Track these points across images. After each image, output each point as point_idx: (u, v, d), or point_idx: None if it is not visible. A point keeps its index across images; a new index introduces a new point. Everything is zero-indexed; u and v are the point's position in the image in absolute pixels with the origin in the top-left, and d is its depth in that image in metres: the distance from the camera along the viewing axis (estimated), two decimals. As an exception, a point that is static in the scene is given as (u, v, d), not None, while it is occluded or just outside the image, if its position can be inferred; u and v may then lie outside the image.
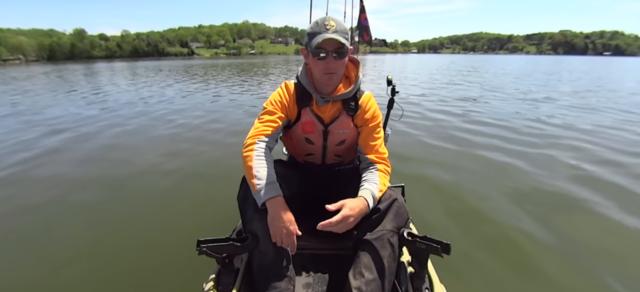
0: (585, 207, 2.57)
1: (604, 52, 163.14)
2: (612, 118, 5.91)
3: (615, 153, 3.83)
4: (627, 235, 2.20)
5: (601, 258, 1.94)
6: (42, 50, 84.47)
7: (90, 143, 4.46)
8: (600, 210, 2.51)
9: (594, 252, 2.00)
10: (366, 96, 1.29)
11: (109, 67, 30.37)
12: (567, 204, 2.63)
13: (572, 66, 29.78)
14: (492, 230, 2.26)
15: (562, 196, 2.76)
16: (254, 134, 1.18)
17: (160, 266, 1.86)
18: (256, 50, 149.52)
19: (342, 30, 1.13)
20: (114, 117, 6.23)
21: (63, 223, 2.38)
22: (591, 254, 1.98)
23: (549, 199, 2.70)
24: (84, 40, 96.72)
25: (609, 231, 2.24)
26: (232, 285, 1.09)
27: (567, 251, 2.01)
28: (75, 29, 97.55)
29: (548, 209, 2.52)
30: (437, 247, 1.00)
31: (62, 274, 1.81)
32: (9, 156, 3.92)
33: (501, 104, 7.68)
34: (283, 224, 1.04)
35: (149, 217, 2.45)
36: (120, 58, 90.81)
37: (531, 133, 4.83)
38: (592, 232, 2.22)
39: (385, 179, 1.19)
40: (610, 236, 2.17)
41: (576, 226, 2.29)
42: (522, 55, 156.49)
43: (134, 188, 2.98)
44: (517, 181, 3.07)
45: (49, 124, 5.69)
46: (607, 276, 1.77)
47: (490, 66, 28.37)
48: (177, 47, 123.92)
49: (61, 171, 3.40)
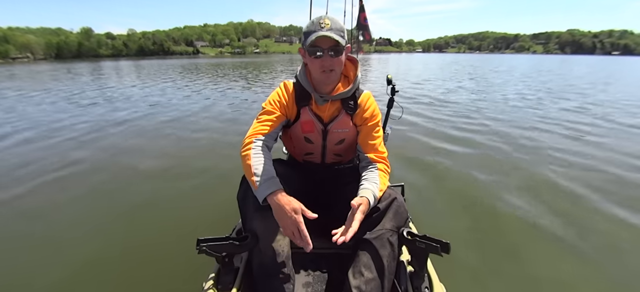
0: (585, 207, 2.57)
1: (612, 52, 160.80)
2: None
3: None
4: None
5: (606, 256, 1.93)
6: (50, 49, 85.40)
7: (91, 143, 4.49)
8: (600, 208, 2.53)
9: (599, 251, 1.99)
10: (365, 95, 1.29)
11: (115, 67, 30.61)
12: (570, 201, 2.63)
13: (581, 64, 29.48)
14: (492, 229, 2.26)
15: (565, 194, 2.76)
16: (252, 133, 1.18)
17: (160, 265, 1.87)
18: (261, 50, 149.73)
19: (337, 28, 1.12)
20: (112, 118, 6.26)
21: (63, 222, 2.39)
22: (595, 253, 1.97)
23: (550, 198, 2.69)
24: (91, 39, 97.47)
25: (614, 229, 2.23)
26: (232, 284, 1.09)
27: (568, 250, 2.01)
28: (83, 28, 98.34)
29: (549, 208, 2.51)
30: (436, 246, 1.00)
31: (62, 273, 1.82)
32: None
33: (501, 103, 7.65)
34: (288, 213, 1.00)
35: (149, 216, 2.46)
36: (126, 57, 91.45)
37: (531, 134, 4.81)
38: (593, 232, 2.22)
39: (384, 178, 1.19)
40: (614, 234, 2.17)
41: (577, 226, 2.29)
42: (529, 54, 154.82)
43: (134, 187, 2.99)
44: (518, 179, 3.07)
45: (48, 123, 5.76)
46: (613, 272, 1.78)
47: (490, 64, 28.21)
48: (183, 46, 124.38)
49: (61, 170, 3.43)
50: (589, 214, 2.45)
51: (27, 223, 2.39)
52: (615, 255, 1.96)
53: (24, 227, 2.34)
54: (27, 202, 2.72)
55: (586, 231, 2.21)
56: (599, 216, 2.40)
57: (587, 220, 2.36)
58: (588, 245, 2.05)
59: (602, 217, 2.39)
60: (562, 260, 1.92)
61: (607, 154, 3.79)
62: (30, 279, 1.80)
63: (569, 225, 2.27)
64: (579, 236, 2.16)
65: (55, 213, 2.54)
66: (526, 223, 2.31)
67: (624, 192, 2.78)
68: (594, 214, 2.43)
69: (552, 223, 2.29)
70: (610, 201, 2.61)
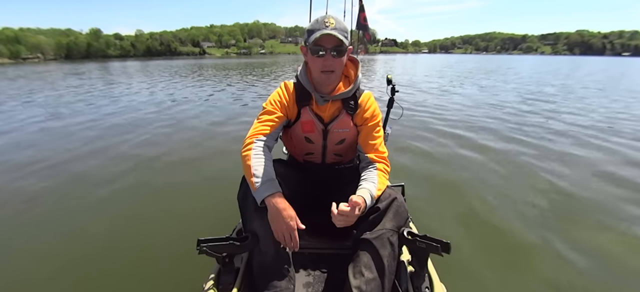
0: (586, 205, 2.56)
1: (622, 53, 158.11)
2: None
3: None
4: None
5: (603, 262, 1.91)
6: (59, 49, 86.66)
7: (92, 143, 4.52)
8: (601, 207, 2.51)
9: (598, 255, 1.96)
10: (366, 95, 1.29)
11: (123, 67, 30.98)
12: (571, 204, 2.60)
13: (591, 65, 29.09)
14: (492, 229, 2.25)
15: (565, 195, 2.74)
16: (253, 133, 1.19)
17: (161, 265, 1.87)
18: (266, 50, 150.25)
19: (341, 28, 1.12)
20: (114, 117, 6.31)
21: (63, 222, 2.41)
22: (594, 256, 1.95)
23: (550, 198, 2.68)
24: (100, 40, 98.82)
25: (614, 235, 2.20)
26: (232, 284, 1.09)
27: (568, 251, 1.99)
28: (92, 29, 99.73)
29: (550, 209, 2.50)
30: (437, 246, 1.00)
31: (63, 272, 1.83)
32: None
33: (502, 104, 7.59)
34: (283, 219, 1.04)
35: (149, 217, 2.47)
36: (134, 57, 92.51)
37: (532, 133, 4.78)
38: (594, 232, 2.21)
39: (384, 178, 1.19)
40: (614, 242, 2.13)
41: (577, 226, 2.28)
42: (537, 55, 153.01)
43: (135, 187, 3.01)
44: (519, 180, 3.05)
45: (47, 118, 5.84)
46: (607, 278, 1.76)
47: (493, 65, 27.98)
48: (189, 46, 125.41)
49: (61, 169, 3.46)
50: (592, 216, 2.42)
51: (28, 223, 2.40)
52: (618, 261, 1.93)
53: (23, 225, 2.35)
54: (28, 201, 2.73)
55: (588, 233, 2.19)
56: (603, 219, 2.37)
57: (589, 221, 2.34)
58: (590, 248, 2.02)
59: (605, 221, 2.35)
60: (563, 260, 1.90)
61: (608, 157, 3.72)
62: (30, 278, 1.80)
63: (575, 230, 2.23)
64: (579, 235, 2.14)
65: (56, 212, 2.55)
66: (527, 223, 2.30)
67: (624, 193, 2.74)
68: (596, 217, 2.40)
69: (557, 226, 2.26)
70: (620, 206, 2.56)
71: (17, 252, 2.04)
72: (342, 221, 1.02)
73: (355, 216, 1.03)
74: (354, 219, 1.04)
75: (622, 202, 2.60)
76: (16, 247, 2.10)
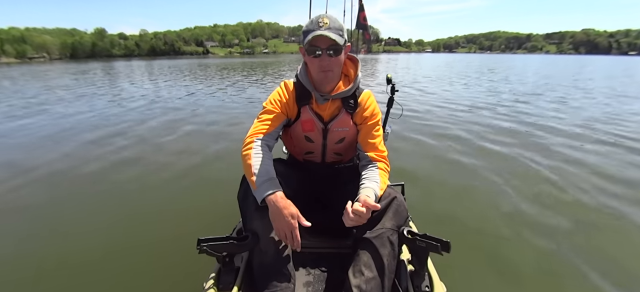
0: (587, 205, 2.55)
1: (629, 52, 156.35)
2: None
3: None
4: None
5: (603, 261, 1.90)
6: (65, 49, 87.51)
7: (92, 143, 4.54)
8: (601, 207, 2.50)
9: (598, 255, 1.95)
10: (365, 94, 1.29)
11: (127, 66, 31.15)
12: (571, 204, 2.59)
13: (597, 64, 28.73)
14: (493, 228, 2.25)
15: (566, 196, 2.73)
16: (253, 132, 1.19)
17: (161, 265, 1.88)
18: (269, 49, 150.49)
19: (336, 27, 1.12)
20: (113, 117, 6.33)
21: (63, 222, 2.42)
22: (595, 256, 1.94)
23: (551, 198, 2.67)
24: (105, 39, 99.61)
25: (615, 235, 2.19)
26: (233, 284, 1.09)
27: (568, 251, 1.98)
28: (96, 29, 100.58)
29: (550, 208, 2.49)
30: (437, 245, 0.99)
31: (63, 272, 1.84)
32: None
33: (503, 105, 7.55)
34: (285, 218, 1.03)
35: (149, 216, 2.48)
36: (138, 56, 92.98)
37: (533, 134, 4.75)
38: (595, 232, 2.20)
39: (385, 177, 1.18)
40: (614, 242, 2.12)
41: (577, 226, 2.27)
42: (542, 54, 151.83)
43: (135, 187, 3.02)
44: (518, 179, 3.04)
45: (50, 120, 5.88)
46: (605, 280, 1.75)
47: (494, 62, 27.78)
48: (193, 46, 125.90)
49: (60, 169, 3.48)
50: (595, 215, 2.41)
51: (27, 222, 2.41)
52: (619, 263, 1.91)
53: (25, 225, 2.36)
54: (27, 200, 2.74)
55: (588, 233, 2.18)
56: (603, 219, 2.37)
57: (591, 220, 2.33)
58: (590, 248, 2.01)
59: (606, 221, 2.35)
60: (563, 260, 1.90)
61: (600, 160, 3.67)
62: (30, 277, 1.81)
63: (575, 230, 2.22)
64: (579, 235, 2.14)
65: (56, 212, 2.56)
66: (527, 223, 2.29)
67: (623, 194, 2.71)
68: (597, 218, 2.39)
69: (557, 227, 2.25)
70: (615, 206, 2.54)
71: (17, 252, 2.05)
72: (354, 221, 1.01)
73: (367, 217, 1.03)
74: (365, 220, 1.03)
75: (622, 203, 2.58)
76: (16, 247, 2.11)
